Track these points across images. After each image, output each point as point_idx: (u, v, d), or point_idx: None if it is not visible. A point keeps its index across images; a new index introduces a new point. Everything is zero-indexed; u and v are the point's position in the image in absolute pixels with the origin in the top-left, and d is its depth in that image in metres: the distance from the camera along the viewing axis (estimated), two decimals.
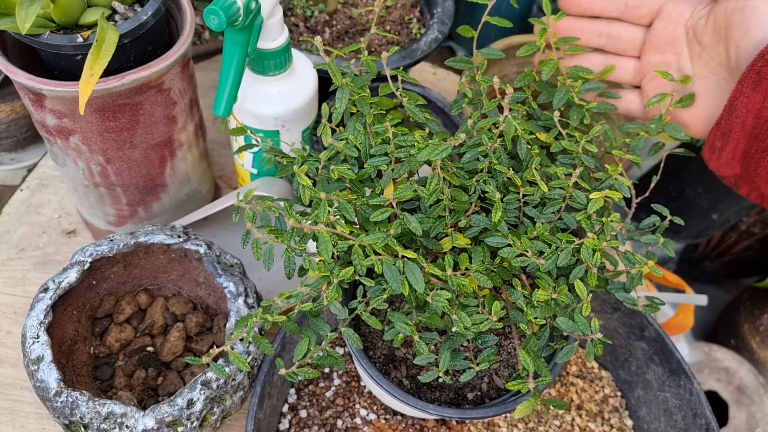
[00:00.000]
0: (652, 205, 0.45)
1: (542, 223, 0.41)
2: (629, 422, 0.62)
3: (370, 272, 0.43)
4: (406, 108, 0.44)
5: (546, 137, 0.45)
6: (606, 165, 0.43)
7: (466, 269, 0.39)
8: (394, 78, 0.45)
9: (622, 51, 0.49)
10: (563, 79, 0.46)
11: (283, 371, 0.39)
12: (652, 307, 0.43)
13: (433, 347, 0.47)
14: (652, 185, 0.45)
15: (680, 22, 0.44)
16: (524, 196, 0.41)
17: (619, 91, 0.50)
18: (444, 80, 0.94)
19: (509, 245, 0.39)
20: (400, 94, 0.44)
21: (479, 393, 0.46)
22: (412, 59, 0.68)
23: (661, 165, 0.48)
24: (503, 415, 0.59)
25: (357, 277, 0.38)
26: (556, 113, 0.44)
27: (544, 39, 0.46)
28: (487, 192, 0.41)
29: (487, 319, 0.39)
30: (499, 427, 0.58)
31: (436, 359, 0.41)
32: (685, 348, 0.97)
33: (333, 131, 0.44)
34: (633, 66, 0.49)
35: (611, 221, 0.40)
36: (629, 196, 0.43)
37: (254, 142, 0.47)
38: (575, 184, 0.41)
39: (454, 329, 0.39)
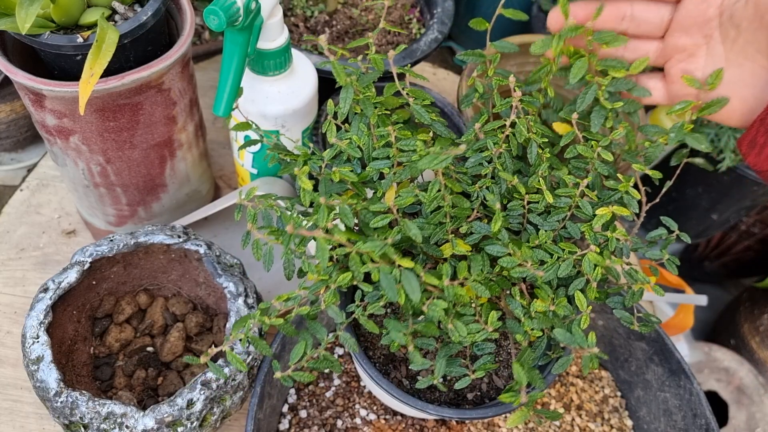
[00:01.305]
0: (660, 218, 0.44)
1: (545, 231, 0.40)
2: (629, 422, 0.62)
3: (368, 276, 0.43)
4: (411, 108, 0.43)
5: (563, 133, 0.42)
6: (619, 174, 0.42)
7: (465, 278, 0.39)
8: (401, 76, 0.45)
9: (645, 34, 0.43)
10: (591, 77, 0.42)
11: (279, 374, 0.39)
12: (647, 327, 0.43)
13: (430, 353, 0.47)
14: (664, 190, 0.44)
15: (713, 1, 0.40)
16: (529, 203, 0.41)
17: (638, 78, 0.44)
18: (444, 80, 0.94)
19: (509, 254, 0.39)
20: (407, 94, 0.43)
21: (479, 393, 0.46)
22: (412, 59, 0.68)
23: (678, 171, 0.45)
24: (503, 415, 0.59)
25: (355, 282, 0.38)
26: (575, 115, 0.41)
27: (564, 41, 0.41)
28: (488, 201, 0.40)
29: (483, 329, 0.38)
30: (499, 427, 0.58)
31: (431, 366, 0.40)
32: (684, 348, 0.97)
33: (338, 128, 0.44)
34: (655, 47, 0.43)
35: (616, 237, 0.39)
36: (638, 211, 0.42)
37: (257, 138, 0.47)
38: (582, 194, 0.40)
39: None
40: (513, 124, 0.40)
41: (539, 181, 0.40)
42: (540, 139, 0.41)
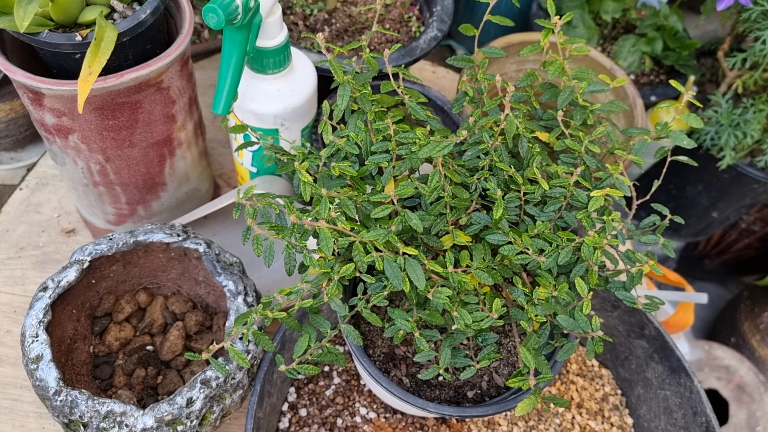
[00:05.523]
0: (652, 204, 0.44)
1: (543, 222, 0.41)
2: (629, 420, 0.62)
3: (370, 269, 0.43)
4: (407, 105, 0.44)
5: (548, 137, 0.44)
6: (607, 165, 0.43)
7: (467, 266, 0.39)
8: (396, 76, 0.45)
9: None
10: (568, 80, 0.45)
11: (283, 367, 0.39)
12: (652, 306, 0.43)
13: (433, 345, 0.47)
14: (654, 189, 0.44)
15: None
16: (525, 194, 0.41)
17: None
18: (443, 78, 0.94)
19: (510, 243, 0.39)
20: (402, 92, 0.44)
21: (479, 391, 0.46)
22: (412, 57, 0.68)
23: (665, 169, 0.47)
24: (503, 414, 0.59)
25: (357, 274, 0.38)
26: (560, 113, 0.43)
27: (547, 40, 0.45)
28: (488, 190, 0.41)
29: (487, 317, 0.39)
30: (500, 425, 0.58)
31: (436, 356, 0.40)
32: (685, 346, 0.97)
33: (334, 129, 0.44)
34: None
35: (612, 220, 0.40)
36: (630, 195, 0.43)
37: (254, 139, 0.47)
38: (576, 183, 0.41)
39: (454, 327, 0.39)
40: (506, 118, 0.40)
41: (534, 171, 0.40)
42: (529, 134, 0.42)
